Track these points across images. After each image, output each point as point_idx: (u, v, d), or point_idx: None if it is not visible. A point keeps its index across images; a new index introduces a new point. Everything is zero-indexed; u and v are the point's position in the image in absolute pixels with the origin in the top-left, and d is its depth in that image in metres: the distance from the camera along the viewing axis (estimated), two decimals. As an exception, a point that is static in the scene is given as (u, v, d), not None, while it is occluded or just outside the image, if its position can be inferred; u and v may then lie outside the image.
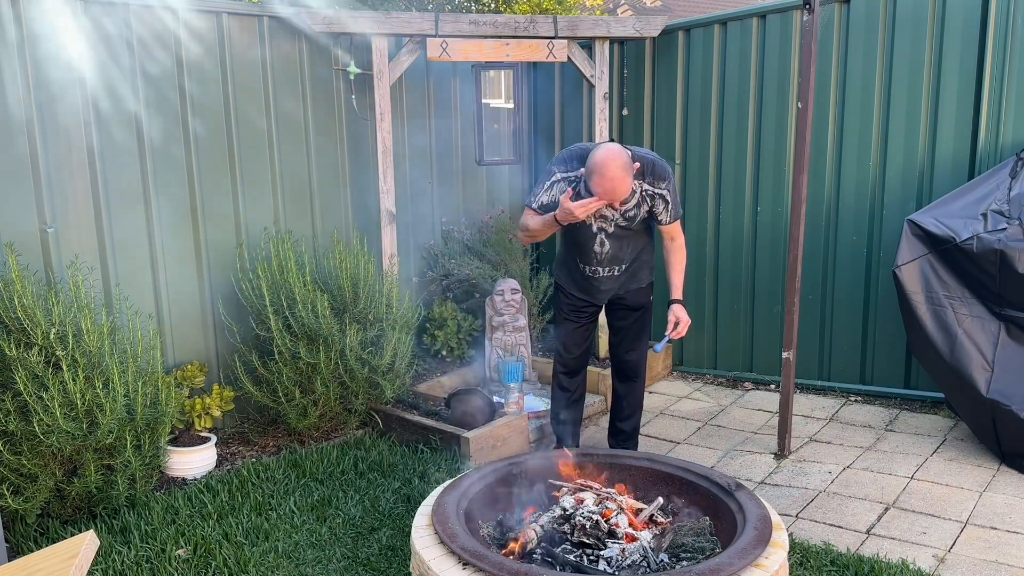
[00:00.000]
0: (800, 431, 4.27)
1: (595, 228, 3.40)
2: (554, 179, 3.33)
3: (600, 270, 3.51)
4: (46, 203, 3.63)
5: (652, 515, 2.78)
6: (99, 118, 3.78)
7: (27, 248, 3.51)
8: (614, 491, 2.88)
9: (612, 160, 3.09)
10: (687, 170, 5.20)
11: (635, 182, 3.25)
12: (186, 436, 3.94)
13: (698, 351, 5.35)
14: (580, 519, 2.66)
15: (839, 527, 3.29)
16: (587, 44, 4.97)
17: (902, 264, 3.88)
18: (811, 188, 4.55)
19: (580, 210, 3.12)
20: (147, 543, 3.13)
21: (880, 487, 3.61)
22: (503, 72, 4.98)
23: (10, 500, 3.05)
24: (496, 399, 4.45)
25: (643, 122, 5.29)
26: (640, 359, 3.77)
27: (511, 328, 4.78)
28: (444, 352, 4.98)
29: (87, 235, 3.80)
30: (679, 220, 3.47)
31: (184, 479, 3.82)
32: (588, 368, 3.93)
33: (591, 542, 2.58)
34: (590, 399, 4.60)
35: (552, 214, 3.25)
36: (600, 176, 3.08)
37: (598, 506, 2.75)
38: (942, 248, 3.81)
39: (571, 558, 2.52)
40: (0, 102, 3.48)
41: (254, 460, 3.99)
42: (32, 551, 2.88)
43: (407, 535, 3.13)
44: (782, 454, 4.00)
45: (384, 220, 4.66)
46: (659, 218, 3.41)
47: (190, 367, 4.03)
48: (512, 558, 2.52)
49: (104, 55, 3.76)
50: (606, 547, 2.56)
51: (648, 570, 2.50)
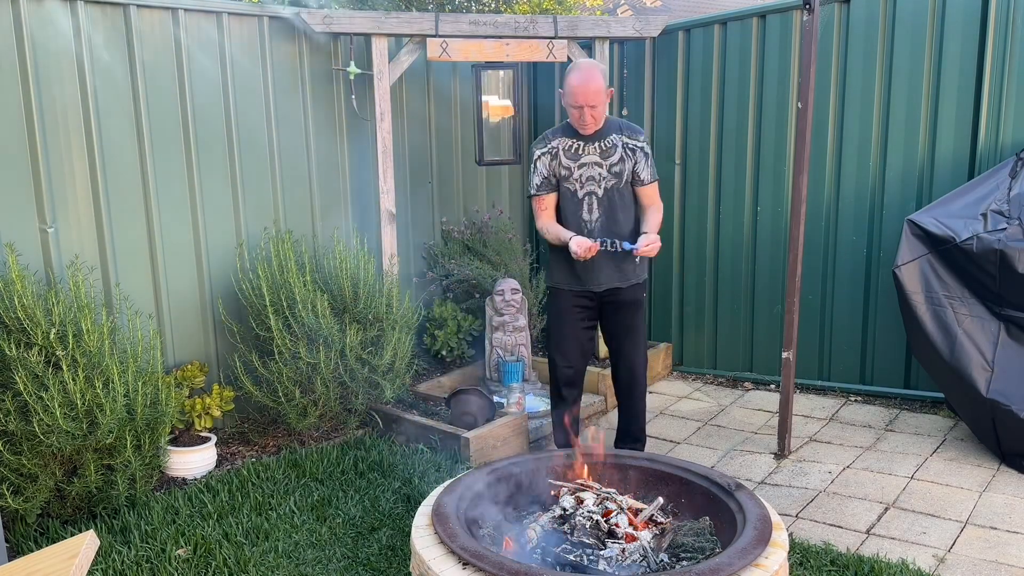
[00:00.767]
0: (800, 431, 4.27)
1: (582, 193, 3.52)
2: (535, 157, 3.61)
3: (596, 243, 3.49)
4: (46, 203, 3.63)
5: (652, 515, 2.78)
6: (99, 118, 3.78)
7: (27, 248, 3.52)
8: (614, 491, 2.88)
9: (590, 62, 3.49)
10: (687, 170, 5.20)
11: (615, 135, 3.54)
12: (186, 436, 3.95)
13: (698, 351, 5.35)
14: (580, 519, 2.66)
15: (839, 527, 3.29)
16: (587, 44, 4.97)
17: (902, 264, 3.88)
18: (811, 188, 4.56)
19: (583, 251, 3.37)
20: (147, 543, 3.13)
21: (880, 487, 3.61)
22: (503, 72, 4.98)
23: (10, 500, 3.05)
24: (496, 399, 4.45)
25: (643, 122, 5.29)
26: (639, 361, 3.75)
27: (511, 328, 4.78)
28: (444, 352, 4.98)
29: (87, 235, 3.80)
30: (656, 183, 3.65)
31: (184, 479, 3.82)
32: (588, 368, 3.92)
33: (591, 542, 2.58)
34: (590, 399, 4.60)
35: (567, 237, 3.47)
36: (578, 71, 3.39)
37: (598, 506, 2.75)
38: (942, 248, 3.81)
39: (571, 558, 2.52)
40: (0, 102, 3.49)
41: (254, 460, 3.99)
42: (32, 551, 2.88)
43: (407, 535, 3.14)
44: (782, 454, 4.00)
45: (384, 220, 4.66)
46: (641, 175, 3.57)
47: (190, 367, 4.03)
48: (512, 558, 2.52)
49: (104, 55, 3.77)
50: (606, 547, 2.56)
51: (648, 570, 2.50)
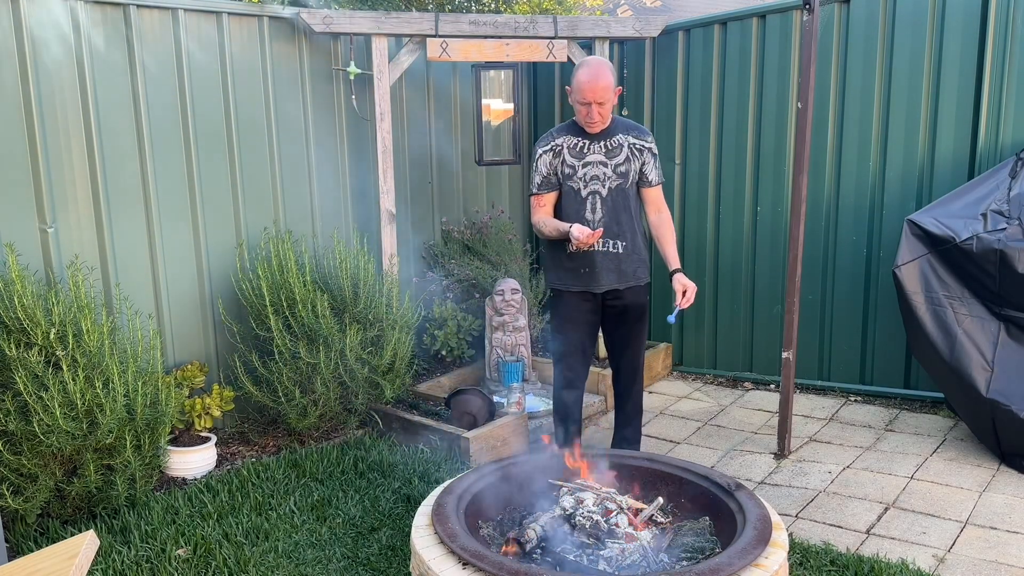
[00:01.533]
0: (800, 431, 4.27)
1: (585, 192, 3.47)
2: (538, 155, 3.55)
3: (594, 243, 3.48)
4: (46, 203, 3.64)
5: (652, 515, 2.78)
6: (99, 118, 3.78)
7: (27, 248, 3.52)
8: (614, 491, 2.88)
9: (599, 58, 3.45)
10: (687, 170, 5.20)
11: (622, 135, 3.49)
12: (186, 436, 3.95)
13: (698, 351, 5.35)
14: (580, 519, 2.66)
15: (839, 527, 3.29)
16: (587, 44, 4.97)
17: (902, 264, 3.88)
18: (811, 188, 4.56)
19: (586, 238, 3.30)
20: (147, 543, 3.13)
21: (880, 487, 3.61)
22: (503, 72, 4.98)
23: (10, 500, 3.05)
24: (496, 399, 4.45)
25: (643, 122, 5.29)
26: (638, 362, 3.73)
27: (511, 328, 4.78)
28: (444, 352, 4.98)
29: (87, 235, 3.80)
30: (662, 187, 3.62)
31: (184, 479, 3.82)
32: (589, 368, 3.91)
33: (591, 542, 2.58)
34: (590, 399, 4.60)
35: (567, 227, 3.39)
36: (587, 67, 3.34)
37: (598, 506, 2.75)
38: (942, 248, 3.81)
39: (571, 558, 2.52)
40: (0, 102, 3.49)
41: (254, 460, 3.99)
42: (32, 551, 2.88)
43: (407, 535, 3.14)
44: (782, 454, 4.00)
45: (384, 220, 4.66)
46: (648, 176, 3.55)
47: (190, 367, 4.03)
48: (512, 558, 2.52)
49: (104, 55, 3.77)
50: (606, 547, 2.56)
51: (648, 570, 2.50)
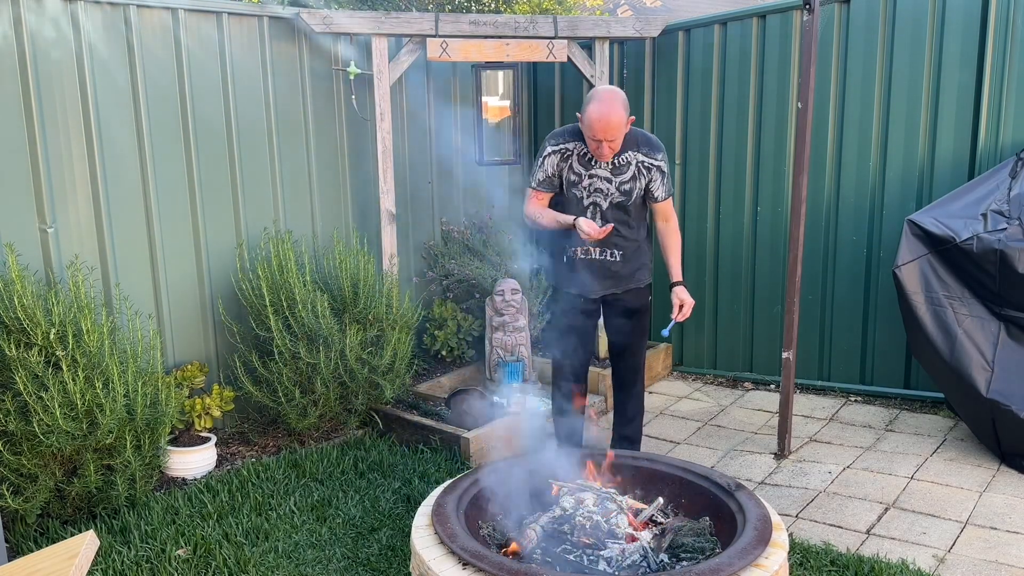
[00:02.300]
0: (800, 431, 4.27)
1: (587, 201, 3.43)
2: (546, 153, 3.44)
3: (592, 251, 3.48)
4: (46, 203, 3.63)
5: (652, 515, 2.78)
6: (99, 118, 3.78)
7: (27, 248, 3.51)
8: (614, 491, 2.88)
9: (613, 92, 3.21)
10: (687, 170, 5.20)
11: (631, 152, 3.35)
12: (186, 436, 3.94)
13: (698, 351, 5.35)
14: (580, 519, 2.66)
15: (839, 527, 3.29)
16: (587, 44, 4.97)
17: (902, 264, 3.88)
18: (811, 188, 4.55)
19: (596, 232, 3.22)
20: (147, 543, 3.13)
21: (880, 487, 3.61)
22: (503, 72, 4.98)
23: (10, 500, 3.05)
24: (496, 399, 4.45)
25: (643, 122, 5.29)
26: (639, 363, 3.74)
27: (511, 328, 4.78)
28: (444, 352, 4.98)
29: (87, 235, 3.80)
30: (671, 199, 3.54)
31: (184, 479, 3.82)
32: (588, 368, 3.92)
33: (591, 542, 2.58)
34: (590, 399, 4.60)
35: (570, 219, 3.32)
36: (598, 102, 3.16)
37: (598, 506, 2.75)
38: (942, 248, 3.81)
39: (571, 558, 2.52)
40: (0, 102, 3.49)
41: (254, 460, 3.99)
42: (32, 551, 2.89)
43: (407, 535, 3.14)
44: (782, 454, 4.00)
45: (384, 220, 4.66)
46: (655, 193, 3.45)
47: (190, 367, 4.03)
48: (512, 558, 2.52)
49: (104, 55, 3.77)
50: (606, 547, 2.56)
51: (648, 570, 2.50)
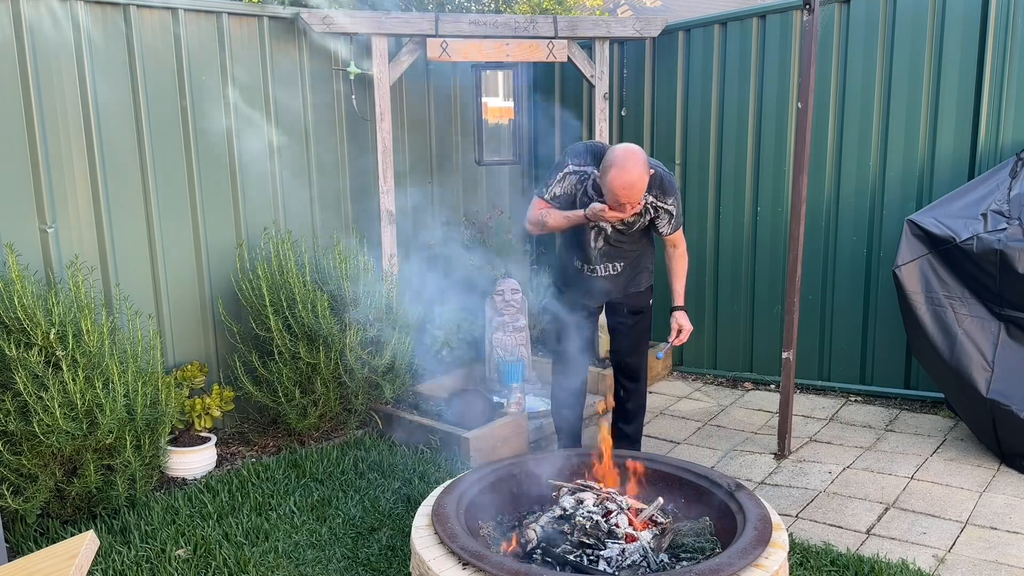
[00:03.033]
0: (800, 431, 4.27)
1: (592, 223, 3.38)
2: (567, 171, 3.32)
3: (597, 268, 3.49)
4: (46, 203, 3.63)
5: (652, 515, 2.78)
6: (99, 118, 3.78)
7: (27, 248, 3.51)
8: (614, 491, 2.88)
9: (634, 156, 3.04)
10: (687, 170, 5.20)
11: (644, 194, 3.20)
12: (186, 436, 3.94)
13: (698, 351, 5.35)
14: (580, 519, 2.66)
15: (839, 527, 3.29)
16: (587, 44, 4.97)
17: (902, 264, 3.88)
18: (811, 188, 4.55)
19: (612, 215, 3.12)
20: (147, 543, 3.13)
21: (880, 487, 3.61)
22: (503, 72, 4.97)
23: (10, 500, 3.05)
24: (496, 399, 4.45)
25: (643, 122, 5.29)
26: (640, 362, 3.75)
27: (511, 328, 4.78)
28: (444, 352, 4.98)
29: (87, 235, 3.80)
30: (681, 229, 3.46)
31: (184, 479, 3.82)
32: (588, 368, 3.92)
33: (591, 542, 2.58)
34: (590, 399, 4.60)
35: (581, 213, 3.23)
36: (621, 170, 3.01)
37: (598, 506, 2.75)
38: (942, 248, 3.81)
39: (571, 558, 2.52)
40: (0, 102, 3.49)
41: (254, 460, 3.99)
42: (32, 551, 2.89)
43: (407, 535, 3.14)
44: (782, 454, 3.99)
45: (384, 220, 4.66)
46: (660, 229, 3.40)
47: (190, 367, 4.03)
48: (512, 558, 2.52)
49: (104, 54, 3.77)
50: (606, 547, 2.56)
51: (648, 570, 2.50)
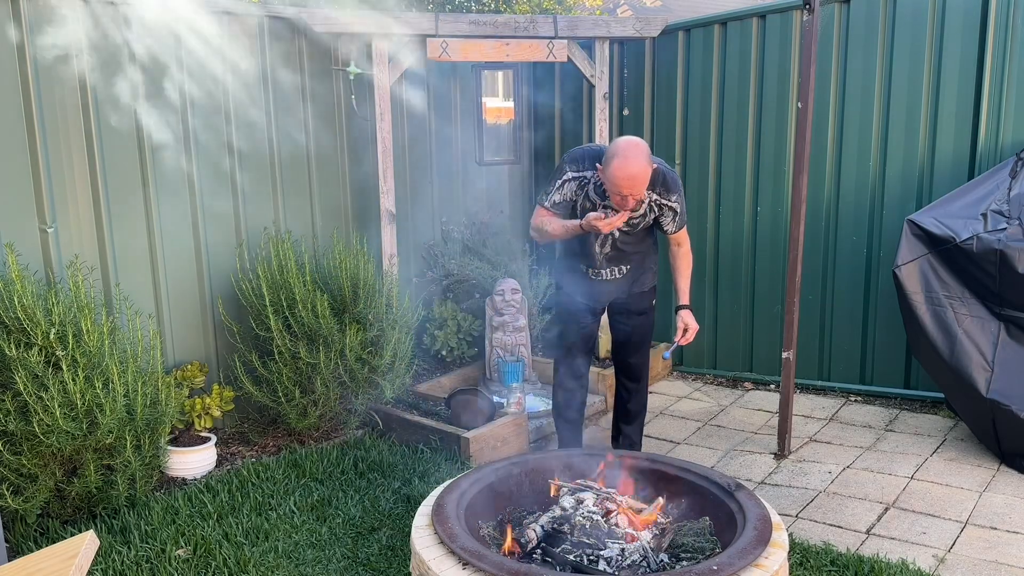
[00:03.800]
0: (800, 431, 4.27)
1: None
2: (565, 178, 3.31)
3: (602, 272, 3.49)
4: (46, 203, 3.63)
5: (652, 515, 2.78)
6: (99, 118, 3.77)
7: (27, 248, 3.51)
8: (614, 491, 2.88)
9: (636, 147, 3.00)
10: (687, 170, 5.20)
11: (648, 190, 3.18)
12: (186, 436, 3.94)
13: (698, 351, 5.34)
14: (580, 519, 2.66)
15: (839, 527, 3.29)
16: (587, 44, 4.96)
17: (902, 264, 3.88)
18: (811, 188, 4.55)
19: (605, 226, 3.10)
20: (147, 543, 3.13)
21: (880, 487, 3.61)
22: (503, 72, 4.97)
23: (10, 500, 3.05)
24: (496, 399, 4.45)
25: (643, 122, 5.29)
26: (642, 363, 3.75)
27: (511, 328, 4.78)
28: (444, 352, 4.98)
29: (87, 235, 3.80)
30: (685, 227, 3.45)
31: (184, 479, 3.82)
32: (590, 368, 3.92)
33: (591, 542, 2.58)
34: (590, 399, 4.59)
35: (577, 223, 3.22)
36: (623, 160, 2.97)
37: (598, 506, 2.75)
38: (942, 248, 3.81)
39: (571, 558, 2.52)
40: (0, 101, 3.49)
41: (254, 460, 3.99)
42: (32, 551, 2.88)
43: (407, 535, 3.13)
44: (782, 454, 4.00)
45: (384, 220, 4.66)
46: (664, 228, 3.40)
47: (190, 367, 4.03)
48: (512, 558, 2.52)
49: (104, 55, 3.76)
50: (606, 547, 2.56)
51: (648, 570, 2.50)
